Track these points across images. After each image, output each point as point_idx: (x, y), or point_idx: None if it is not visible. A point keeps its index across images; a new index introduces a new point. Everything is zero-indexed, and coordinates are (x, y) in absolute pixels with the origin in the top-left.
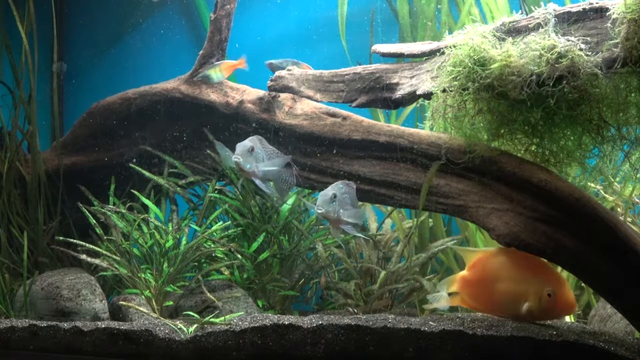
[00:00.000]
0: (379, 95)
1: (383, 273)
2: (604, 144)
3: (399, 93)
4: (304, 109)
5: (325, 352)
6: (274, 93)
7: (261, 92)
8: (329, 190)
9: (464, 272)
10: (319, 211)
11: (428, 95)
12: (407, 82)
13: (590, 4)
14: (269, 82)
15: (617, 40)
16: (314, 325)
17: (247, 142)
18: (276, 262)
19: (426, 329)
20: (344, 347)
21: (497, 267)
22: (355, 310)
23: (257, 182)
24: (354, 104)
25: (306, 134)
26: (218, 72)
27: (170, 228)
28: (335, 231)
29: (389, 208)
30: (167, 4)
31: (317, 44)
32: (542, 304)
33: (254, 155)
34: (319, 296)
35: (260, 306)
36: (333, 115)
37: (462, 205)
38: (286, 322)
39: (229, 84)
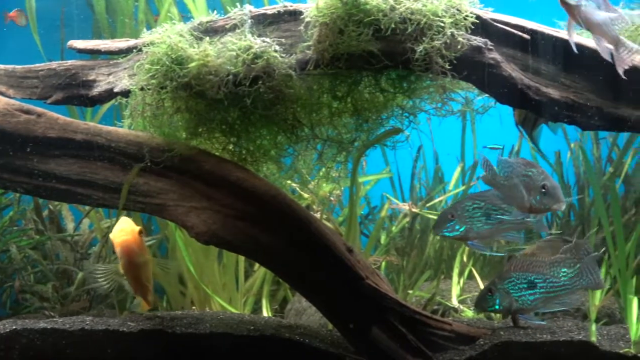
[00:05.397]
0: (75, 92)
1: (80, 274)
2: (298, 143)
3: (96, 90)
4: None
5: (20, 358)
6: None
7: None
8: None
9: None
10: None
11: (126, 93)
12: (104, 79)
13: (285, 6)
14: None
15: (310, 43)
16: (8, 330)
17: None
18: None
19: (125, 329)
20: (40, 351)
21: None
22: (52, 313)
23: None
24: (49, 101)
25: None
26: None
27: None
28: None
29: (87, 207)
30: None
31: (8, 37)
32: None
33: None
34: (13, 300)
35: None
36: (27, 112)
37: (161, 204)
38: None
39: None
